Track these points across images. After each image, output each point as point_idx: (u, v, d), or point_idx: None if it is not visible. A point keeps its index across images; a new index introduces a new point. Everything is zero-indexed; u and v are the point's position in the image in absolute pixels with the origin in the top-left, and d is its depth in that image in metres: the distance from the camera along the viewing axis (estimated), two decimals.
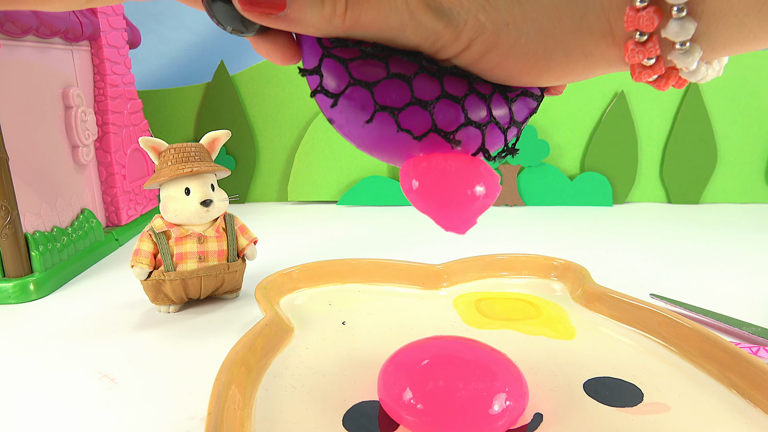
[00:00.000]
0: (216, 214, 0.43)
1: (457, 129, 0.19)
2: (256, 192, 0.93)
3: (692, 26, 0.15)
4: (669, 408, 0.27)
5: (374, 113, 0.18)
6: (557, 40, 0.17)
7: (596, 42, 0.17)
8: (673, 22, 0.15)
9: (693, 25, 0.15)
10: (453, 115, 0.18)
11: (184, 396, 0.31)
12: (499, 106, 0.19)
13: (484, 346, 0.29)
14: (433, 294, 0.43)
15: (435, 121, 0.18)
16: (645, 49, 0.16)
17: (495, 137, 0.20)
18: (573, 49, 0.17)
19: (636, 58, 0.16)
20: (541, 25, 0.17)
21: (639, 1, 0.15)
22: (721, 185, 0.87)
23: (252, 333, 0.32)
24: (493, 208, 0.86)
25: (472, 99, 0.19)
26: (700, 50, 0.16)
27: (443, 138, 0.19)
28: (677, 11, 0.15)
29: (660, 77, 0.17)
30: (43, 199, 0.53)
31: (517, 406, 0.25)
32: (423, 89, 0.18)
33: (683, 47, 0.16)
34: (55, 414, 0.29)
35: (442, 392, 0.25)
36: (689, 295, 0.45)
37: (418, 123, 0.18)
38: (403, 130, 0.18)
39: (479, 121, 0.19)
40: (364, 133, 0.19)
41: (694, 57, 0.16)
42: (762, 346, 0.34)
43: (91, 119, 0.62)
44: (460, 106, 0.18)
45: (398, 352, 0.29)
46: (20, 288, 0.47)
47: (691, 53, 0.16)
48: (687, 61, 0.16)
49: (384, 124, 0.19)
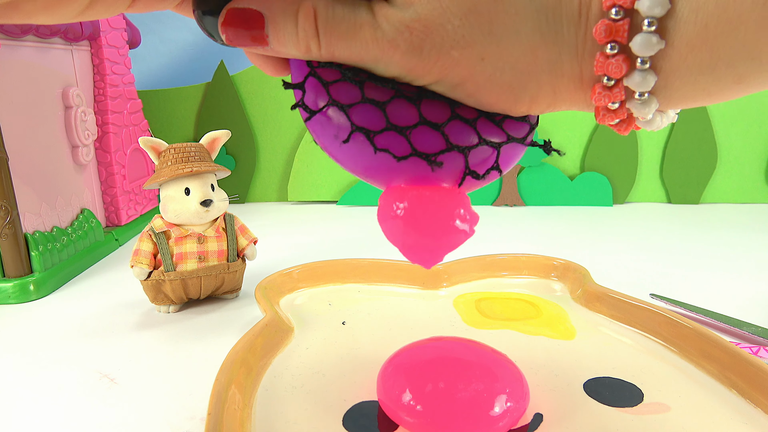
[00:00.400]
0: (216, 214, 0.43)
1: (438, 153, 0.19)
2: (256, 192, 0.93)
3: (653, 79, 0.16)
4: (669, 408, 0.27)
5: (350, 134, 0.19)
6: (530, 76, 0.18)
7: (566, 83, 0.18)
8: (636, 73, 0.16)
9: (653, 78, 0.16)
10: (432, 140, 0.19)
11: (184, 396, 0.31)
12: (487, 130, 0.19)
13: (484, 347, 0.29)
14: (433, 294, 0.43)
15: (413, 145, 0.19)
16: (611, 93, 0.17)
17: (483, 158, 0.20)
18: (543, 87, 0.18)
19: (601, 102, 0.17)
20: (516, 61, 0.17)
21: (609, 48, 0.16)
22: (721, 185, 0.87)
23: (252, 333, 0.32)
24: (493, 208, 0.86)
25: (454, 124, 0.19)
26: (656, 102, 0.17)
27: (424, 160, 0.19)
28: (641, 63, 0.16)
29: (621, 121, 0.18)
30: (43, 199, 0.53)
31: (518, 407, 0.25)
32: (399, 114, 0.19)
33: (641, 98, 0.17)
34: (55, 414, 0.29)
35: (442, 394, 0.25)
36: (689, 295, 0.45)
37: (397, 146, 0.19)
38: (380, 150, 0.19)
39: (463, 145, 0.19)
40: (341, 152, 0.20)
41: (650, 108, 0.17)
42: (762, 346, 0.34)
43: (91, 119, 0.62)
44: (440, 132, 0.19)
45: (397, 354, 0.29)
46: (20, 288, 0.47)
47: (648, 104, 0.17)
48: (643, 111, 0.17)
49: (361, 145, 0.19)
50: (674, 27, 0.15)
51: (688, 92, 0.17)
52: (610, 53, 0.16)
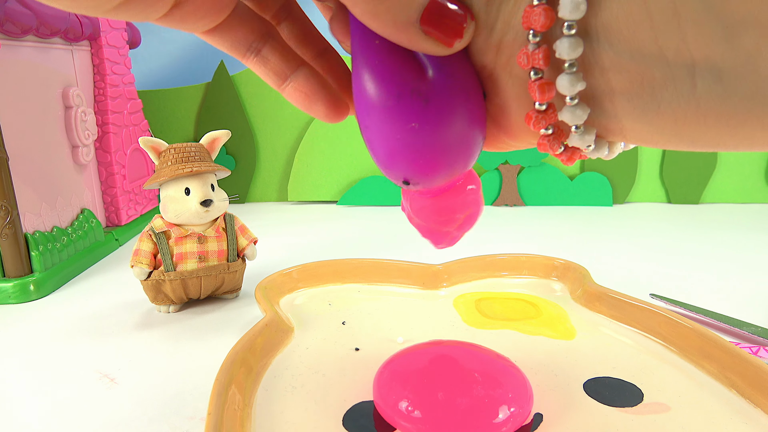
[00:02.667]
0: (216, 214, 0.43)
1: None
2: (256, 192, 0.93)
3: (584, 113, 0.16)
4: (669, 408, 0.27)
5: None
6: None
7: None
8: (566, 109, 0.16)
9: (585, 111, 0.16)
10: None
11: (184, 396, 0.31)
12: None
13: (485, 350, 0.29)
14: (433, 294, 0.43)
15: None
16: (546, 116, 0.16)
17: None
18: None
19: (539, 126, 0.16)
20: None
21: (533, 75, 0.16)
22: (721, 185, 0.87)
23: (252, 333, 0.32)
24: (493, 208, 0.86)
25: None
26: (593, 130, 0.16)
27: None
28: (570, 100, 0.15)
29: (566, 149, 0.17)
30: (43, 199, 0.53)
31: (521, 412, 0.25)
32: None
33: (578, 130, 0.16)
34: (55, 414, 0.29)
35: (440, 401, 0.25)
36: (689, 295, 0.45)
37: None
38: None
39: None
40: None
41: (585, 140, 0.16)
42: (762, 346, 0.34)
43: (91, 119, 0.62)
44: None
45: (393, 358, 0.29)
46: (20, 288, 0.47)
47: (583, 136, 0.16)
48: (580, 143, 0.16)
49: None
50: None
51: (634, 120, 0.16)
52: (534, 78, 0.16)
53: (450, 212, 0.22)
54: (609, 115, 0.16)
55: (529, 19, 0.15)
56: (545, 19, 0.15)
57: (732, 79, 0.13)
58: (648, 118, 0.15)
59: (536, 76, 0.16)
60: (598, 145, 0.17)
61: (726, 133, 0.14)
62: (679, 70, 0.14)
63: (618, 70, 0.15)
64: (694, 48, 0.13)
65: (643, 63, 0.14)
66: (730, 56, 0.13)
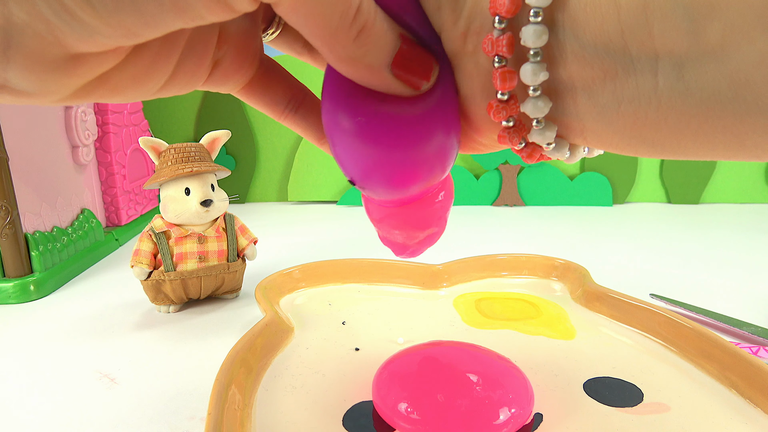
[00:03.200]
0: (216, 214, 0.43)
1: None
2: (256, 192, 0.93)
3: (547, 106, 0.15)
4: (669, 408, 0.27)
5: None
6: None
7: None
8: (529, 101, 0.15)
9: (548, 105, 0.15)
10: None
11: (184, 396, 0.31)
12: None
13: (485, 351, 0.29)
14: (433, 294, 0.43)
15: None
16: (508, 106, 0.16)
17: None
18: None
19: (499, 116, 0.16)
20: None
21: (496, 62, 0.15)
22: (721, 185, 0.87)
23: (252, 333, 0.32)
24: (493, 208, 0.86)
25: None
26: (554, 127, 0.16)
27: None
28: (533, 91, 0.15)
29: (526, 146, 0.17)
30: (43, 199, 0.53)
31: (522, 413, 0.25)
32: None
33: (539, 124, 0.16)
34: (55, 414, 0.29)
35: (439, 403, 0.25)
36: (689, 295, 0.45)
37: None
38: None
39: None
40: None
41: (546, 136, 0.16)
42: (762, 346, 0.34)
43: (91, 119, 0.62)
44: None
45: (392, 359, 0.29)
46: (20, 288, 0.47)
47: (543, 133, 0.16)
48: (540, 139, 0.16)
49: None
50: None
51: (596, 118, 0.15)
52: (498, 67, 0.15)
53: (411, 227, 0.21)
54: (570, 113, 0.16)
55: (496, 4, 0.15)
56: (511, 4, 0.14)
57: (694, 75, 0.13)
58: (608, 117, 0.15)
59: (500, 63, 0.15)
60: (559, 144, 0.17)
61: (687, 135, 0.14)
62: (642, 66, 0.13)
63: (581, 64, 0.14)
64: (659, 42, 0.13)
65: (606, 57, 0.14)
66: (694, 50, 0.13)
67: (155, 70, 0.16)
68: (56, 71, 0.13)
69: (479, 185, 0.87)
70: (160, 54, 0.15)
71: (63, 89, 0.14)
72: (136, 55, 0.15)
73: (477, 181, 0.87)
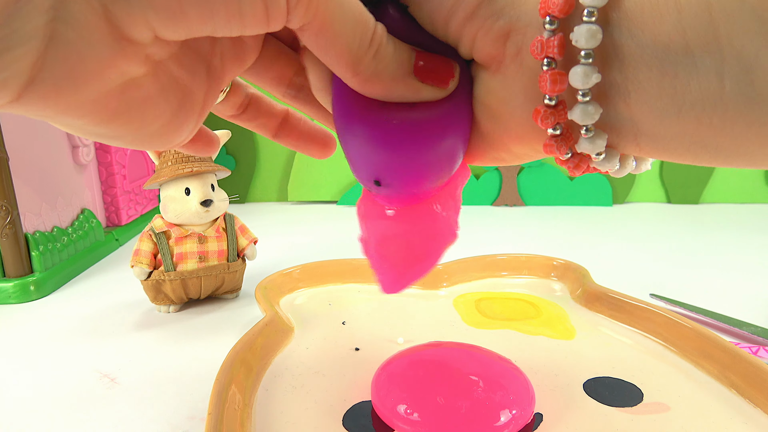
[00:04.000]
0: (216, 214, 0.43)
1: None
2: (256, 192, 0.93)
3: (597, 111, 0.15)
4: (669, 408, 0.27)
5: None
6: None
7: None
8: (577, 107, 0.15)
9: (598, 110, 0.15)
10: None
11: (184, 396, 0.31)
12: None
13: (486, 352, 0.29)
14: (433, 294, 0.43)
15: None
16: (556, 112, 0.15)
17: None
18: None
19: (547, 122, 0.15)
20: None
21: (545, 65, 0.15)
22: (721, 185, 0.87)
23: (252, 333, 0.32)
24: (493, 208, 0.86)
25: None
26: (604, 135, 0.15)
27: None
28: (582, 96, 0.15)
29: (573, 156, 0.16)
30: (43, 199, 0.53)
31: (523, 414, 0.25)
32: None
33: (588, 132, 0.15)
34: (55, 414, 0.29)
35: (440, 404, 0.25)
36: (689, 295, 0.45)
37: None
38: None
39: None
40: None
41: (596, 145, 0.15)
42: (762, 346, 0.34)
43: None
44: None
45: (391, 361, 0.29)
46: (20, 288, 0.47)
47: (594, 141, 0.15)
48: (590, 148, 0.15)
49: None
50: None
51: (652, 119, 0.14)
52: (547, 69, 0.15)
53: (416, 240, 0.21)
54: (624, 118, 0.15)
55: (548, 3, 0.14)
56: (565, 4, 0.14)
57: (766, 82, 0.12)
58: (667, 122, 0.14)
59: (548, 66, 0.15)
60: (609, 155, 0.16)
61: (755, 143, 0.13)
62: (706, 68, 0.13)
63: (638, 65, 0.13)
64: (726, 43, 0.12)
65: (666, 59, 0.13)
66: (765, 54, 0.12)
67: (168, 92, 0.16)
68: (97, 51, 0.13)
69: (479, 185, 0.87)
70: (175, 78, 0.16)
71: (95, 81, 0.13)
72: (154, 74, 0.15)
73: (477, 181, 0.87)
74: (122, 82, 0.14)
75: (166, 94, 0.16)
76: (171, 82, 0.16)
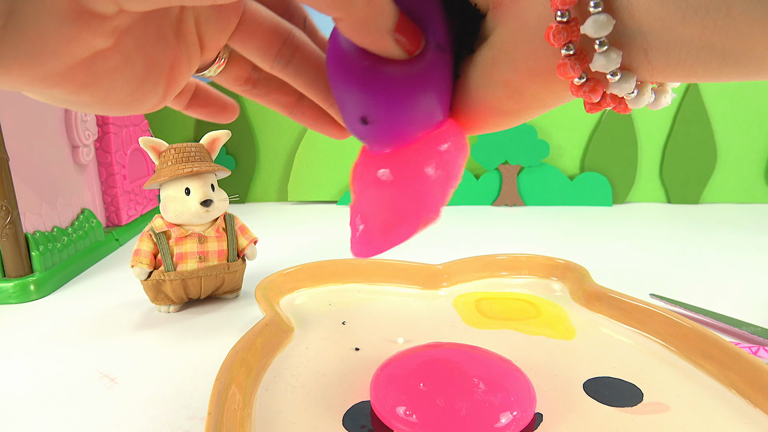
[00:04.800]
0: (216, 214, 0.43)
1: None
2: (256, 192, 0.93)
3: (610, 23, 0.15)
4: (669, 408, 0.27)
5: None
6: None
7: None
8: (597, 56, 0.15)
9: (618, 54, 0.15)
10: None
11: (184, 396, 0.31)
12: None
13: (485, 352, 0.29)
14: (433, 294, 0.43)
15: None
16: (568, 28, 0.16)
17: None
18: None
19: (559, 39, 0.16)
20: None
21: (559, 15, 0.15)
22: (721, 185, 0.87)
23: (252, 333, 0.32)
24: (493, 208, 0.86)
25: None
26: (618, 51, 0.16)
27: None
28: (594, 6, 0.15)
29: (603, 98, 0.17)
30: (43, 199, 0.53)
31: (524, 415, 0.25)
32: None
33: (602, 46, 0.15)
34: (55, 414, 0.29)
35: (439, 406, 0.25)
36: (689, 295, 0.45)
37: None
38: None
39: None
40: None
41: (610, 60, 0.16)
42: (762, 346, 0.34)
43: (91, 119, 0.62)
44: None
45: (390, 361, 0.29)
46: (20, 288, 0.47)
47: (625, 81, 0.16)
48: (604, 64, 0.16)
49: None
50: None
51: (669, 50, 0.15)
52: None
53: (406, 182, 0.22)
54: (632, 32, 0.15)
55: None
56: None
57: None
58: (674, 29, 0.14)
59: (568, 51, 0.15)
60: (625, 76, 0.16)
61: (761, 42, 0.13)
62: None
63: None
64: None
65: None
66: None
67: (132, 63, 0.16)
68: (59, 26, 0.13)
69: (479, 185, 0.87)
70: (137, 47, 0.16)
71: (59, 56, 0.14)
72: (120, 44, 0.15)
73: (477, 181, 0.87)
74: (89, 55, 0.15)
75: (132, 62, 0.16)
76: (137, 49, 0.16)
